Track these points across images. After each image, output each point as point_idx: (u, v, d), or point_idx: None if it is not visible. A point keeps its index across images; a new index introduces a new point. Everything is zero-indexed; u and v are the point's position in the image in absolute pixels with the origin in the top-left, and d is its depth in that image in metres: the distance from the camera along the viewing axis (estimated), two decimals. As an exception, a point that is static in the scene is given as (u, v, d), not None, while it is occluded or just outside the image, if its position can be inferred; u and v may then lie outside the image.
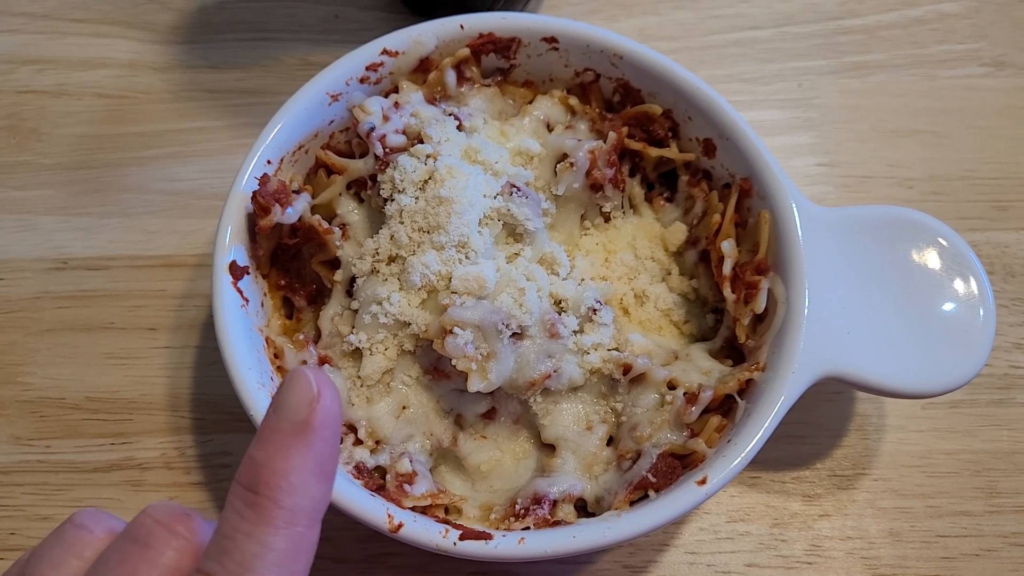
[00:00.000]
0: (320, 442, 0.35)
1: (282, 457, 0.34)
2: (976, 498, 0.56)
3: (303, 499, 0.34)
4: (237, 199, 0.50)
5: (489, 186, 0.50)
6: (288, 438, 0.34)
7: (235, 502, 0.34)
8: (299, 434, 0.34)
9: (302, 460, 0.34)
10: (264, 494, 0.33)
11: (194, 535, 0.35)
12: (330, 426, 0.35)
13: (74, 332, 0.61)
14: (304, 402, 0.35)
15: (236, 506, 0.34)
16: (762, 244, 0.51)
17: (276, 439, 0.34)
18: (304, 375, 0.35)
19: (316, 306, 0.54)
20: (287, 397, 0.35)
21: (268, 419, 0.35)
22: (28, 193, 0.66)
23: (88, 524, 0.37)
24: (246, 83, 0.69)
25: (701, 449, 0.47)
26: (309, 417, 0.35)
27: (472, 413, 0.51)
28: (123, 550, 0.35)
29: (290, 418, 0.35)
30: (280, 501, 0.33)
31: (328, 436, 0.35)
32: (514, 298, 0.48)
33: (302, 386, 0.35)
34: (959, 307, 0.50)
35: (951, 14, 0.73)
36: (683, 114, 0.55)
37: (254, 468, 0.34)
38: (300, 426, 0.35)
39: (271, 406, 0.36)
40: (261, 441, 0.35)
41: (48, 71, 0.70)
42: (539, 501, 0.48)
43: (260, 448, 0.35)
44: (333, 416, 0.35)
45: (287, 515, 0.33)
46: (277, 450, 0.34)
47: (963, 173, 0.67)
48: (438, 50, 0.56)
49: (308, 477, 0.34)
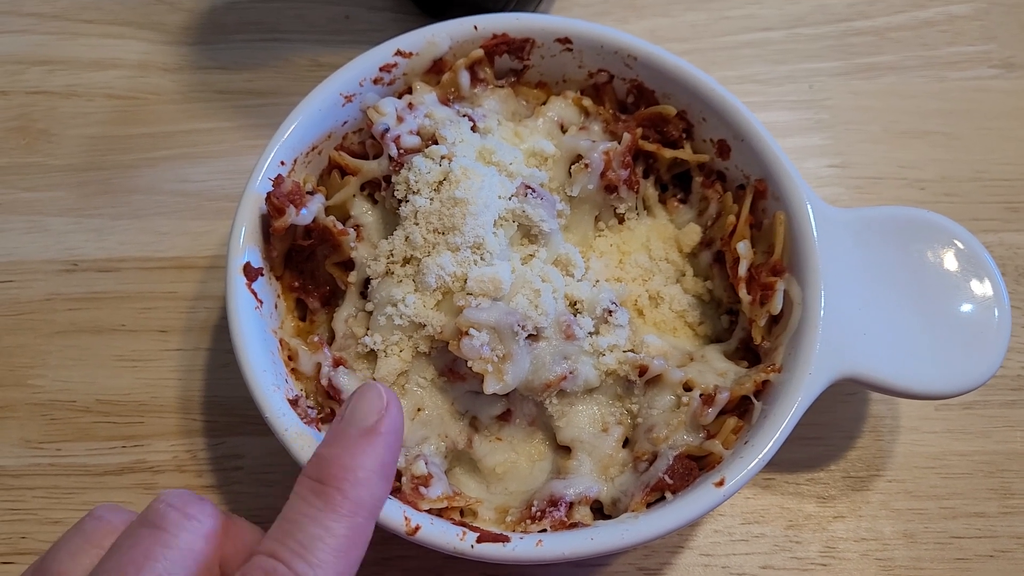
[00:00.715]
0: (385, 445, 0.38)
1: (350, 455, 0.37)
2: (990, 499, 0.56)
3: (366, 493, 0.37)
4: (251, 200, 0.50)
5: (504, 187, 0.50)
6: (356, 439, 0.38)
7: (302, 490, 0.36)
8: (367, 436, 0.38)
9: (367, 458, 0.37)
10: (331, 484, 0.36)
11: (207, 518, 0.37)
12: (395, 432, 0.39)
13: (85, 334, 0.61)
14: (374, 410, 0.38)
15: (302, 494, 0.36)
16: (777, 245, 0.51)
17: (344, 440, 0.38)
18: (376, 388, 0.39)
19: (329, 308, 0.54)
20: (358, 405, 0.39)
21: (337, 424, 0.39)
22: (38, 194, 0.65)
23: (107, 516, 0.39)
24: (256, 84, 0.69)
25: (718, 451, 0.47)
26: (378, 423, 0.38)
27: (487, 415, 0.51)
28: (137, 534, 0.36)
29: (359, 424, 0.38)
30: (346, 491, 0.36)
31: (392, 442, 0.38)
32: (529, 299, 0.48)
33: (373, 397, 0.39)
34: (974, 308, 0.50)
35: (960, 16, 0.73)
36: (697, 115, 0.55)
37: (322, 462, 0.37)
38: (369, 430, 0.38)
39: (340, 414, 0.39)
40: (330, 441, 0.38)
41: (58, 72, 0.70)
42: (555, 503, 0.47)
43: (329, 446, 0.38)
44: (398, 425, 0.39)
45: (351, 505, 0.36)
46: (345, 449, 0.37)
47: (974, 174, 0.67)
48: (452, 51, 0.56)
49: (372, 474, 0.37)
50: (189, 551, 0.36)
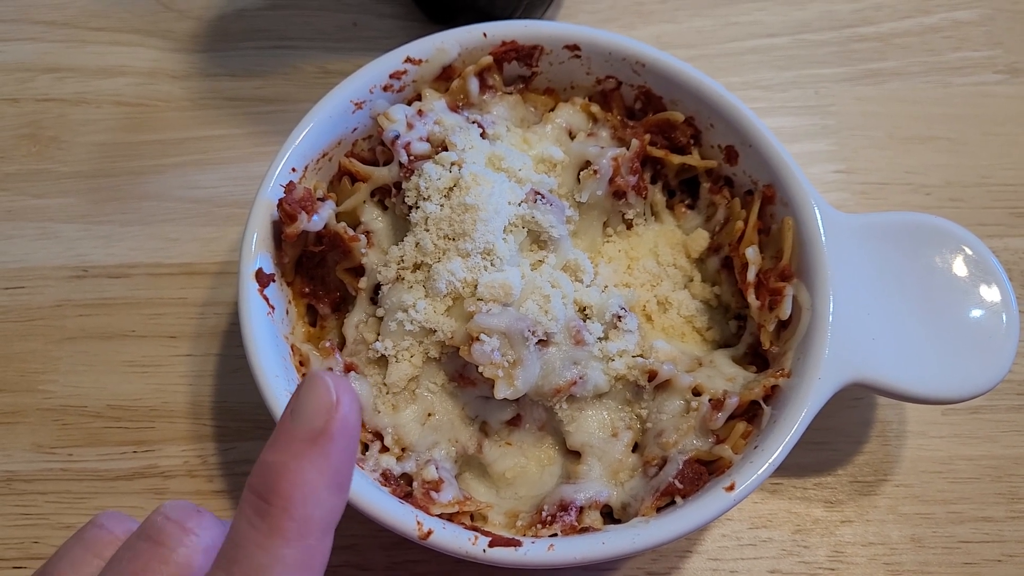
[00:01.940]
0: (336, 452, 0.33)
1: (296, 466, 0.32)
2: (998, 504, 0.56)
3: (316, 510, 0.33)
4: (263, 206, 0.50)
5: (514, 193, 0.51)
6: (303, 446, 0.33)
7: (246, 510, 0.33)
8: (315, 442, 0.33)
9: (317, 470, 0.32)
10: (276, 504, 0.32)
11: (206, 531, 0.34)
12: (348, 435, 0.33)
13: (95, 340, 0.61)
14: (322, 409, 0.33)
15: (247, 514, 0.33)
16: (786, 250, 0.51)
17: (290, 446, 0.33)
18: (322, 380, 0.33)
19: (340, 314, 0.54)
20: (304, 402, 0.33)
21: (283, 423, 0.34)
22: (49, 201, 0.66)
23: (108, 525, 0.37)
24: (265, 91, 0.70)
25: (727, 455, 0.47)
26: (326, 425, 0.33)
27: (497, 420, 0.51)
28: (135, 548, 0.34)
29: (306, 425, 0.33)
30: (292, 512, 0.32)
31: (345, 446, 0.33)
32: (539, 305, 0.48)
33: (320, 392, 0.33)
34: (982, 313, 0.50)
35: (965, 22, 0.73)
36: (705, 121, 0.55)
37: (266, 474, 0.33)
38: (316, 434, 0.33)
39: (287, 409, 0.34)
40: (275, 446, 0.33)
41: (68, 79, 0.71)
42: (566, 508, 0.48)
43: (273, 453, 0.33)
44: (351, 425, 0.34)
45: (298, 527, 0.32)
46: (291, 457, 0.33)
47: (980, 180, 0.67)
48: (461, 58, 0.56)
49: (322, 488, 0.33)
50: (187, 566, 0.33)
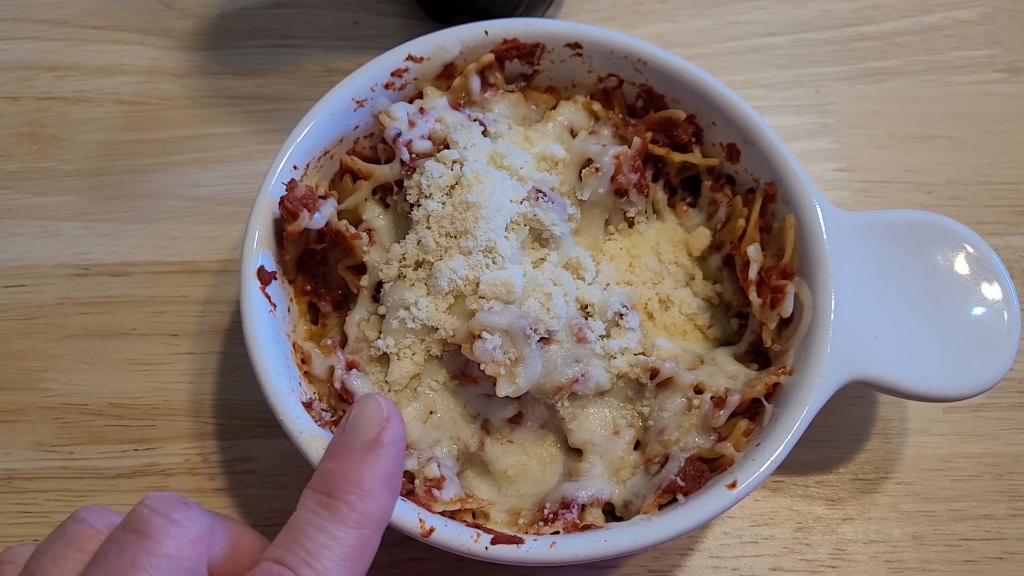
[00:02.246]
0: (389, 456, 0.39)
1: (355, 468, 0.38)
2: (999, 501, 0.57)
3: (373, 505, 0.37)
4: (264, 204, 0.50)
5: (515, 191, 0.51)
6: (360, 453, 0.38)
7: (309, 503, 0.37)
8: (370, 449, 0.38)
9: (372, 471, 0.38)
10: (339, 497, 0.37)
11: (193, 523, 0.36)
12: (398, 443, 0.39)
13: (96, 338, 0.61)
14: (375, 423, 0.39)
15: (310, 506, 0.37)
16: (787, 248, 0.51)
17: (348, 454, 0.38)
18: (376, 400, 0.40)
19: (341, 311, 0.54)
20: (359, 419, 0.39)
21: (339, 439, 0.39)
22: (49, 199, 0.66)
23: (89, 519, 0.38)
24: (266, 89, 0.70)
25: (729, 453, 0.47)
26: (380, 435, 0.39)
27: (499, 418, 0.51)
28: (121, 541, 0.35)
29: (361, 437, 0.39)
30: (353, 504, 0.37)
31: (396, 452, 0.39)
32: (541, 303, 0.48)
33: (373, 410, 0.40)
34: (984, 311, 0.50)
35: (966, 21, 0.73)
36: (707, 119, 0.55)
37: (329, 477, 0.38)
38: (371, 443, 0.39)
39: (341, 427, 0.40)
40: (334, 456, 0.39)
41: (68, 78, 0.70)
42: (568, 505, 0.48)
43: (333, 461, 0.38)
44: (400, 436, 0.40)
45: (358, 517, 0.37)
46: (350, 463, 0.38)
47: (980, 178, 0.67)
48: (462, 56, 0.56)
49: (377, 486, 0.38)
50: (176, 557, 0.35)
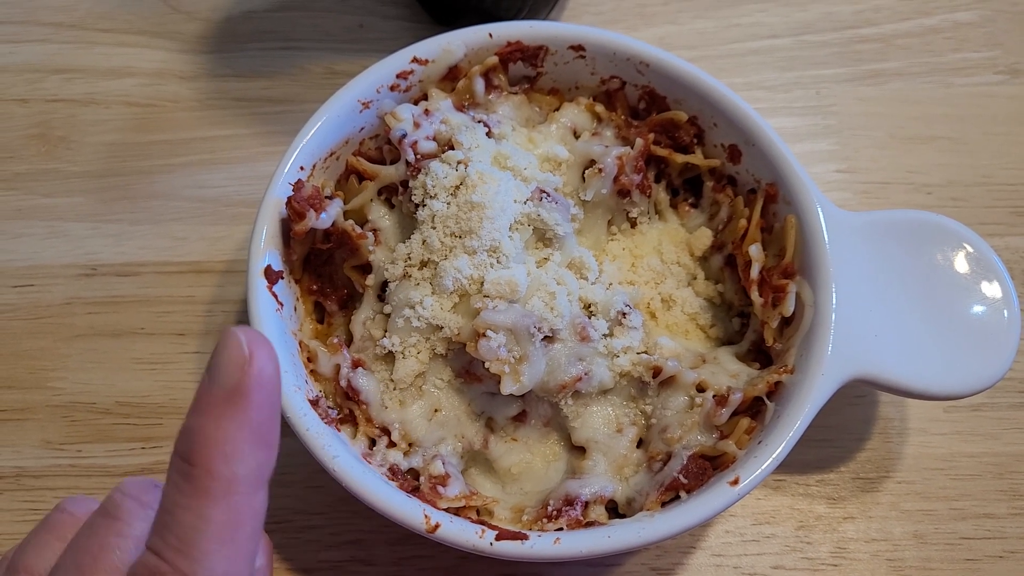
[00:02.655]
0: (255, 408, 0.32)
1: (215, 426, 0.32)
2: (1000, 500, 0.57)
3: (239, 467, 0.32)
4: (271, 204, 0.51)
5: (519, 191, 0.51)
6: (220, 405, 0.32)
7: (173, 475, 0.33)
8: (231, 401, 0.32)
9: (236, 428, 0.32)
10: (198, 464, 0.32)
11: None
12: (265, 389, 0.33)
13: (104, 338, 0.62)
14: (235, 366, 0.32)
15: (174, 479, 0.32)
16: (788, 248, 0.52)
17: (209, 407, 0.32)
18: (234, 336, 0.33)
19: (347, 311, 0.55)
20: (218, 360, 0.33)
21: (201, 385, 0.33)
22: (58, 200, 0.66)
23: (71, 508, 0.38)
24: (272, 91, 0.70)
25: (732, 451, 0.48)
26: (241, 382, 0.32)
27: (503, 416, 0.52)
28: (93, 525, 0.35)
29: (222, 384, 0.32)
30: (214, 471, 0.32)
31: (263, 401, 0.33)
32: (545, 302, 0.49)
33: (232, 348, 0.32)
34: (984, 310, 0.50)
35: (966, 23, 0.74)
36: (708, 121, 0.56)
37: (187, 437, 0.32)
38: (232, 391, 0.32)
39: (206, 370, 0.33)
40: (195, 409, 0.33)
41: (76, 80, 0.71)
42: (571, 502, 0.48)
43: (194, 416, 0.33)
44: (268, 379, 0.33)
45: (222, 485, 0.32)
46: (209, 419, 0.32)
47: (981, 179, 0.67)
48: (467, 58, 0.56)
49: (243, 445, 0.32)
50: (144, 538, 0.33)
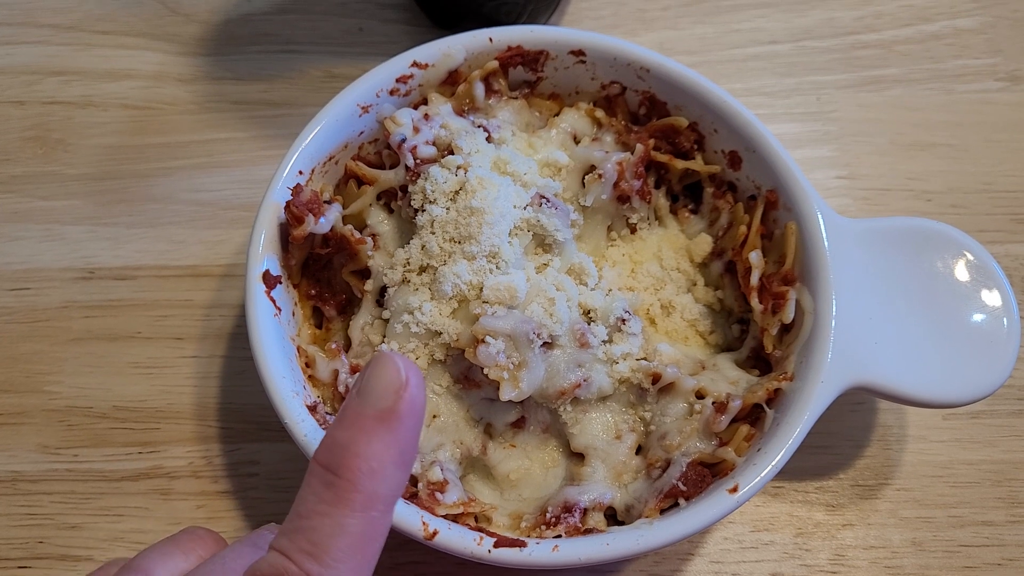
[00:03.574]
0: (404, 430, 0.34)
1: (365, 441, 0.34)
2: (998, 508, 0.57)
3: (382, 485, 0.34)
4: (270, 209, 0.51)
5: (519, 197, 0.51)
6: (372, 423, 0.34)
7: (313, 482, 0.34)
8: (384, 420, 0.34)
9: (384, 446, 0.34)
10: (344, 476, 0.33)
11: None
12: (415, 415, 0.35)
13: (101, 341, 0.61)
14: (391, 388, 0.34)
15: (314, 486, 0.34)
16: (789, 255, 0.51)
17: (359, 423, 0.34)
18: (392, 360, 0.35)
19: (345, 316, 0.55)
20: (373, 381, 0.35)
21: (351, 402, 0.35)
22: (55, 203, 0.66)
23: (201, 532, 0.40)
24: (271, 95, 0.70)
25: (731, 458, 0.47)
26: (395, 404, 0.34)
27: (502, 422, 0.51)
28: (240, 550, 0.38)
29: (375, 404, 0.34)
30: (359, 484, 0.33)
31: (412, 425, 0.35)
32: (544, 308, 0.49)
33: (390, 372, 0.35)
34: (984, 318, 0.50)
35: (967, 29, 0.74)
36: (709, 127, 0.56)
37: (335, 449, 0.34)
38: (386, 412, 0.34)
39: (355, 388, 0.35)
40: (343, 423, 0.35)
41: (74, 82, 0.71)
42: (570, 509, 0.48)
43: (342, 429, 0.34)
44: (419, 405, 0.35)
45: (365, 499, 0.33)
46: (360, 433, 0.34)
47: (981, 186, 0.67)
48: (467, 63, 0.56)
49: (388, 464, 0.34)
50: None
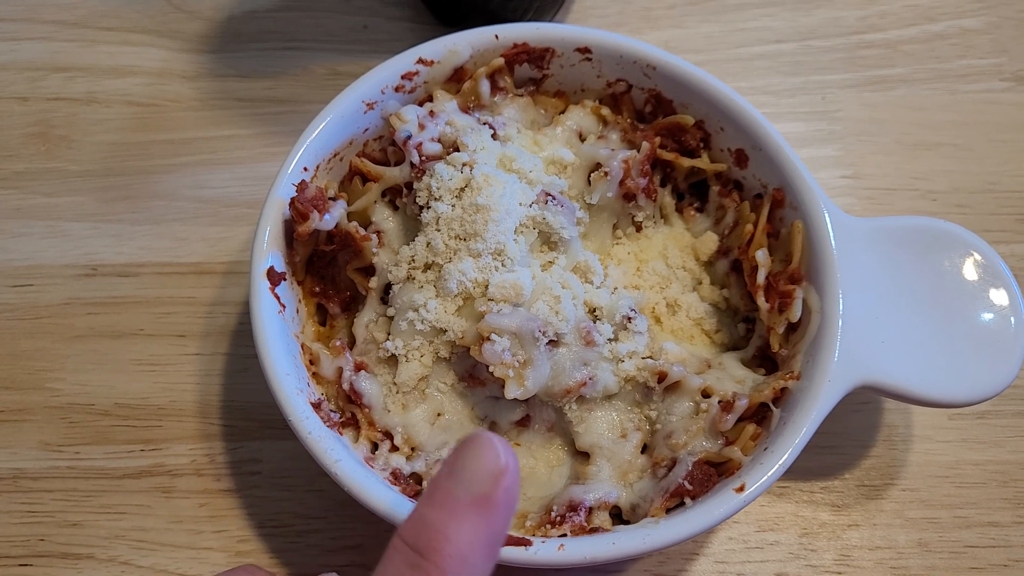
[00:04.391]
0: (499, 520, 0.33)
1: (456, 527, 0.32)
2: (1004, 509, 0.56)
3: (467, 572, 0.32)
4: (275, 205, 0.50)
5: (524, 194, 0.51)
6: (466, 508, 0.32)
7: (397, 560, 0.32)
8: (479, 506, 0.33)
9: (476, 534, 0.32)
10: (432, 560, 0.32)
11: None
12: (512, 504, 0.34)
13: (104, 338, 0.61)
14: (490, 475, 0.33)
15: (398, 565, 0.32)
16: (795, 254, 0.51)
17: (452, 506, 0.33)
18: (492, 444, 0.33)
19: (349, 313, 0.55)
20: (471, 464, 0.33)
21: (444, 482, 0.33)
22: (58, 199, 0.66)
23: (260, 574, 0.40)
24: (275, 92, 0.70)
25: (737, 457, 0.47)
26: (493, 492, 0.33)
27: (506, 420, 0.51)
28: None
29: (471, 488, 0.33)
30: (447, 570, 0.31)
31: (508, 515, 0.34)
32: (550, 306, 0.48)
33: (489, 457, 0.33)
34: (991, 318, 0.50)
35: (971, 29, 0.73)
36: (715, 125, 0.56)
37: (424, 528, 0.32)
38: (482, 500, 0.33)
39: (448, 468, 0.34)
40: (434, 503, 0.33)
41: (78, 79, 0.71)
42: (575, 508, 0.48)
43: (433, 509, 0.33)
44: (516, 494, 0.34)
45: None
46: (452, 517, 0.32)
47: (986, 186, 0.67)
48: (472, 60, 0.56)
49: (478, 552, 0.32)
50: None
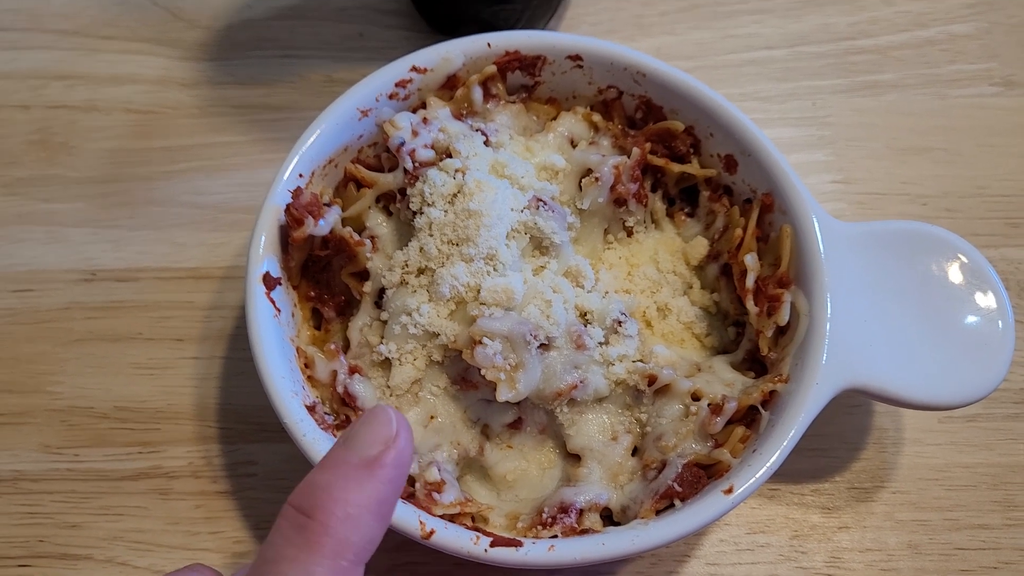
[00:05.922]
0: (387, 480, 0.33)
1: (343, 485, 0.33)
2: (994, 511, 0.57)
3: (355, 533, 0.32)
4: (270, 211, 0.51)
5: (516, 200, 0.52)
6: (354, 469, 0.33)
7: (284, 525, 0.33)
8: (367, 467, 0.33)
9: (363, 493, 0.33)
10: (317, 518, 0.32)
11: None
12: (400, 468, 0.34)
13: (103, 342, 0.62)
14: (379, 439, 0.34)
15: (284, 530, 0.32)
16: (784, 258, 0.52)
17: (341, 468, 0.33)
18: (386, 413, 0.35)
19: (344, 317, 0.55)
20: (363, 432, 0.34)
21: (336, 449, 0.34)
22: (58, 205, 0.67)
23: (207, 573, 0.39)
24: (272, 99, 0.71)
25: (726, 459, 0.48)
26: (382, 454, 0.34)
27: (498, 423, 0.52)
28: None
29: (361, 452, 0.34)
30: (332, 528, 0.32)
31: (395, 477, 0.34)
32: (541, 310, 0.49)
33: (381, 423, 0.34)
34: (978, 321, 0.50)
35: (962, 35, 0.74)
36: (705, 131, 0.56)
37: (311, 491, 0.33)
38: (370, 461, 0.34)
39: (342, 437, 0.35)
40: (324, 467, 0.34)
41: (78, 87, 0.72)
42: (566, 510, 0.48)
43: (323, 473, 0.33)
44: (405, 459, 0.35)
45: (336, 545, 0.32)
46: (339, 478, 0.33)
47: (975, 191, 0.68)
48: (465, 67, 0.57)
49: (365, 511, 0.33)
50: None
